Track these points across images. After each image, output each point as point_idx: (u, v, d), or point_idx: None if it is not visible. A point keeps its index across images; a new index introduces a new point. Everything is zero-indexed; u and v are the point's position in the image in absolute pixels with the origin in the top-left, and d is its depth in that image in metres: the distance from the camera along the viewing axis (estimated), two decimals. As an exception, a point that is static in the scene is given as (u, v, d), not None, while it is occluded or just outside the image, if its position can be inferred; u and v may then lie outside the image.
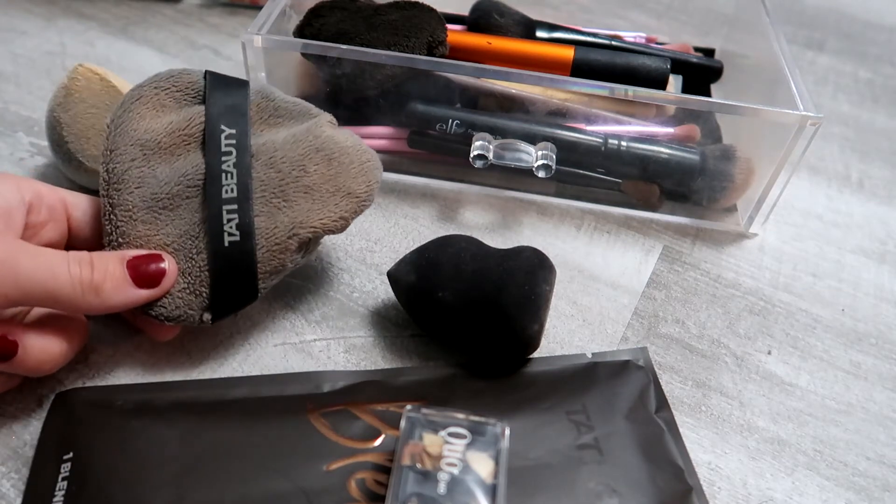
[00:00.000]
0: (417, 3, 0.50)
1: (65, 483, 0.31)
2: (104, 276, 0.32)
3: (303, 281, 0.42)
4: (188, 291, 0.34)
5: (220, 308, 0.35)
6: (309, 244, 0.37)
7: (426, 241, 0.40)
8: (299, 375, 0.37)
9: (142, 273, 0.33)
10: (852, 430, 0.38)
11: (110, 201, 0.35)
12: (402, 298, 0.39)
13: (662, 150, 0.47)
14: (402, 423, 0.30)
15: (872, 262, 0.49)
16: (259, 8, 0.62)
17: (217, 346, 0.38)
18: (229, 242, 0.34)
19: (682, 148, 0.47)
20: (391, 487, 0.29)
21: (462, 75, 0.47)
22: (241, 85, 0.38)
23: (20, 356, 0.32)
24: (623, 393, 0.37)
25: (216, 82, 0.37)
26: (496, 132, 0.46)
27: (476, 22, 0.54)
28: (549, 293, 0.36)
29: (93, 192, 0.45)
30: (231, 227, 0.34)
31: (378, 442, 0.33)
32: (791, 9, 0.78)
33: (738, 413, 0.38)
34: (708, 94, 0.56)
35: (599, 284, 0.45)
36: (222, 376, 0.37)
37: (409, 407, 0.31)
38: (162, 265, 0.34)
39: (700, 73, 0.56)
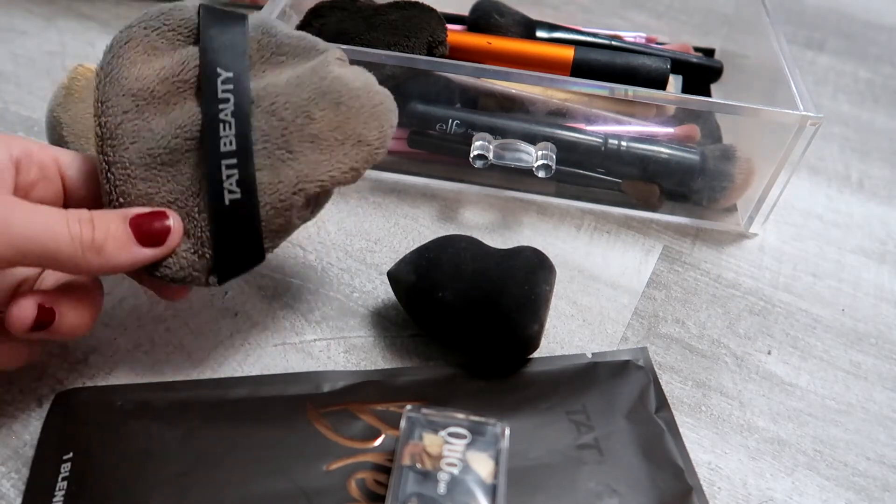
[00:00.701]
0: (417, 3, 0.50)
1: (65, 483, 0.31)
2: (106, 235, 0.30)
3: (303, 281, 0.42)
4: (192, 252, 0.32)
5: (225, 270, 0.33)
6: (318, 198, 0.34)
7: (426, 241, 0.40)
8: (299, 375, 0.37)
9: (146, 231, 0.31)
10: (852, 430, 0.38)
11: (106, 159, 0.32)
12: (402, 298, 0.39)
13: (662, 150, 0.47)
14: (402, 423, 0.30)
15: (872, 262, 0.49)
16: (259, 8, 0.62)
17: (217, 346, 0.38)
18: (230, 201, 0.32)
19: (682, 148, 0.47)
20: (391, 487, 0.29)
21: (462, 75, 0.47)
22: (239, 20, 0.34)
23: (57, 323, 0.31)
24: (623, 393, 0.37)
25: (211, 18, 0.34)
26: (496, 132, 0.46)
27: (476, 22, 0.54)
28: (549, 293, 0.36)
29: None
30: (231, 184, 0.31)
31: (378, 442, 0.33)
32: (791, 9, 0.78)
33: (738, 413, 0.38)
34: (708, 94, 0.56)
35: (599, 284, 0.45)
36: (222, 376, 0.37)
37: (409, 407, 0.31)
38: (167, 222, 0.32)
39: (700, 73, 0.56)
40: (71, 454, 0.32)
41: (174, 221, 0.32)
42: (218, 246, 0.32)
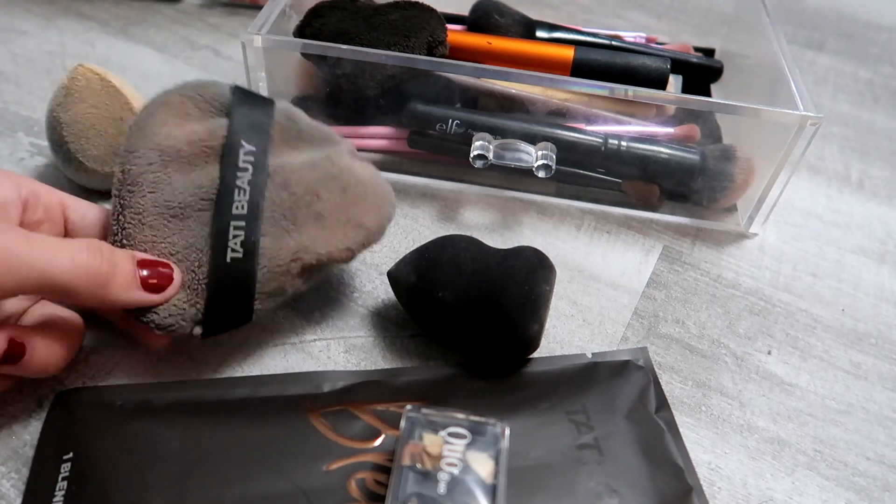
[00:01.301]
0: (417, 3, 0.50)
1: (65, 483, 0.31)
2: (115, 270, 0.31)
3: (303, 281, 0.42)
4: (184, 301, 0.34)
5: (213, 324, 0.34)
6: (312, 271, 0.36)
7: (426, 241, 0.40)
8: (299, 375, 0.37)
9: (150, 276, 0.33)
10: (852, 430, 0.38)
11: (121, 202, 0.34)
12: (402, 298, 0.39)
13: (662, 150, 0.47)
14: (402, 423, 0.30)
15: (872, 262, 0.49)
16: (259, 8, 0.62)
17: (217, 346, 0.38)
18: (231, 258, 0.34)
19: (682, 148, 0.47)
20: (391, 487, 0.29)
21: (462, 75, 0.47)
22: (267, 103, 0.37)
23: (27, 358, 0.31)
24: (623, 393, 0.37)
25: (242, 98, 0.37)
26: (496, 132, 0.46)
27: (476, 22, 0.54)
28: (549, 293, 0.36)
29: (93, 192, 0.45)
30: (235, 244, 0.34)
31: (378, 442, 0.33)
32: (791, 9, 0.78)
33: (738, 413, 0.38)
34: (708, 94, 0.56)
35: (599, 284, 0.45)
36: (222, 376, 0.37)
37: (409, 407, 0.31)
38: (168, 271, 0.33)
39: (700, 73, 0.56)
40: (71, 454, 0.32)
41: (176, 274, 0.34)
42: (211, 298, 0.34)
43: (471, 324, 0.36)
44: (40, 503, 0.31)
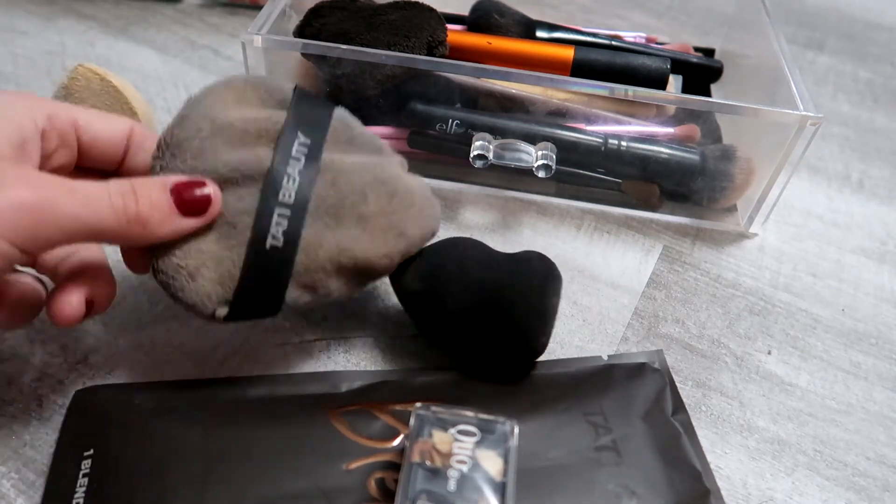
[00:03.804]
0: (417, 3, 0.50)
1: (85, 480, 0.31)
2: (150, 207, 0.31)
3: (303, 281, 0.42)
4: (214, 281, 0.33)
5: (240, 309, 0.34)
6: (349, 274, 0.35)
7: (426, 241, 0.39)
8: (317, 375, 0.37)
9: (187, 200, 0.32)
10: (852, 430, 0.38)
11: (161, 163, 0.33)
12: (407, 305, 0.38)
13: (662, 150, 0.47)
14: (412, 421, 0.30)
15: (872, 262, 0.49)
16: (259, 8, 0.62)
17: (217, 346, 0.39)
18: (270, 246, 0.33)
19: (682, 148, 0.47)
20: (401, 484, 0.29)
21: (462, 75, 0.47)
22: (327, 105, 0.37)
23: (95, 307, 0.32)
24: (640, 395, 0.37)
25: (304, 95, 0.36)
26: (496, 132, 0.46)
27: (476, 22, 0.54)
28: (557, 304, 0.36)
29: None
30: (277, 232, 0.33)
31: (397, 442, 0.33)
32: (791, 9, 0.78)
33: (738, 413, 0.38)
34: (708, 94, 0.56)
35: (599, 284, 0.45)
36: (222, 376, 0.37)
37: (418, 405, 0.31)
38: (206, 191, 0.32)
39: (700, 73, 0.56)
40: (91, 451, 0.32)
41: (213, 190, 0.32)
42: (243, 284, 0.33)
43: (478, 333, 0.36)
44: (61, 499, 0.31)
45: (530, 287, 0.36)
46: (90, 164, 0.34)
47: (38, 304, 0.33)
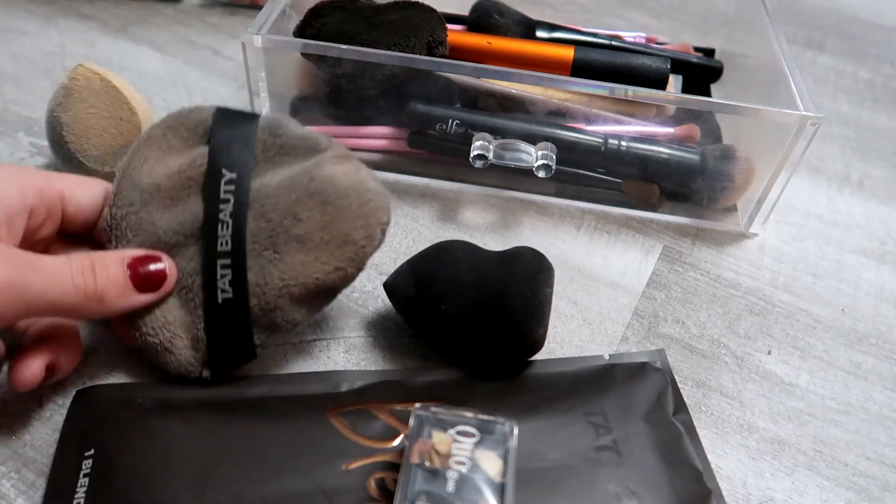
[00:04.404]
0: (417, 3, 0.50)
1: (86, 479, 0.31)
2: (107, 283, 0.32)
3: (303, 281, 0.42)
4: (190, 347, 0.34)
5: (219, 365, 0.34)
6: (305, 300, 0.34)
7: (426, 241, 0.40)
8: (317, 375, 0.37)
9: (142, 275, 0.33)
10: (852, 430, 0.38)
11: (110, 246, 0.35)
12: (402, 311, 0.38)
13: (662, 150, 0.47)
14: (411, 422, 0.30)
15: (872, 262, 0.49)
16: (259, 8, 0.62)
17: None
18: (223, 300, 0.33)
19: (682, 148, 0.47)
20: (400, 485, 0.29)
21: (462, 75, 0.47)
22: (249, 120, 0.35)
23: (57, 372, 0.34)
24: (641, 395, 0.37)
25: (223, 119, 0.35)
26: (496, 132, 0.46)
27: (476, 22, 0.54)
28: (550, 295, 0.36)
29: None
30: (224, 284, 0.33)
31: (397, 442, 0.33)
32: (791, 9, 0.78)
33: (738, 413, 0.38)
34: (708, 94, 0.56)
35: (599, 284, 0.45)
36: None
37: (418, 405, 0.31)
38: (161, 266, 0.34)
39: (700, 73, 0.56)
40: (92, 451, 0.32)
41: (168, 265, 0.34)
42: (211, 342, 0.34)
43: (475, 333, 0.36)
44: (62, 499, 0.31)
45: (522, 281, 0.36)
46: (71, 230, 0.36)
47: None
